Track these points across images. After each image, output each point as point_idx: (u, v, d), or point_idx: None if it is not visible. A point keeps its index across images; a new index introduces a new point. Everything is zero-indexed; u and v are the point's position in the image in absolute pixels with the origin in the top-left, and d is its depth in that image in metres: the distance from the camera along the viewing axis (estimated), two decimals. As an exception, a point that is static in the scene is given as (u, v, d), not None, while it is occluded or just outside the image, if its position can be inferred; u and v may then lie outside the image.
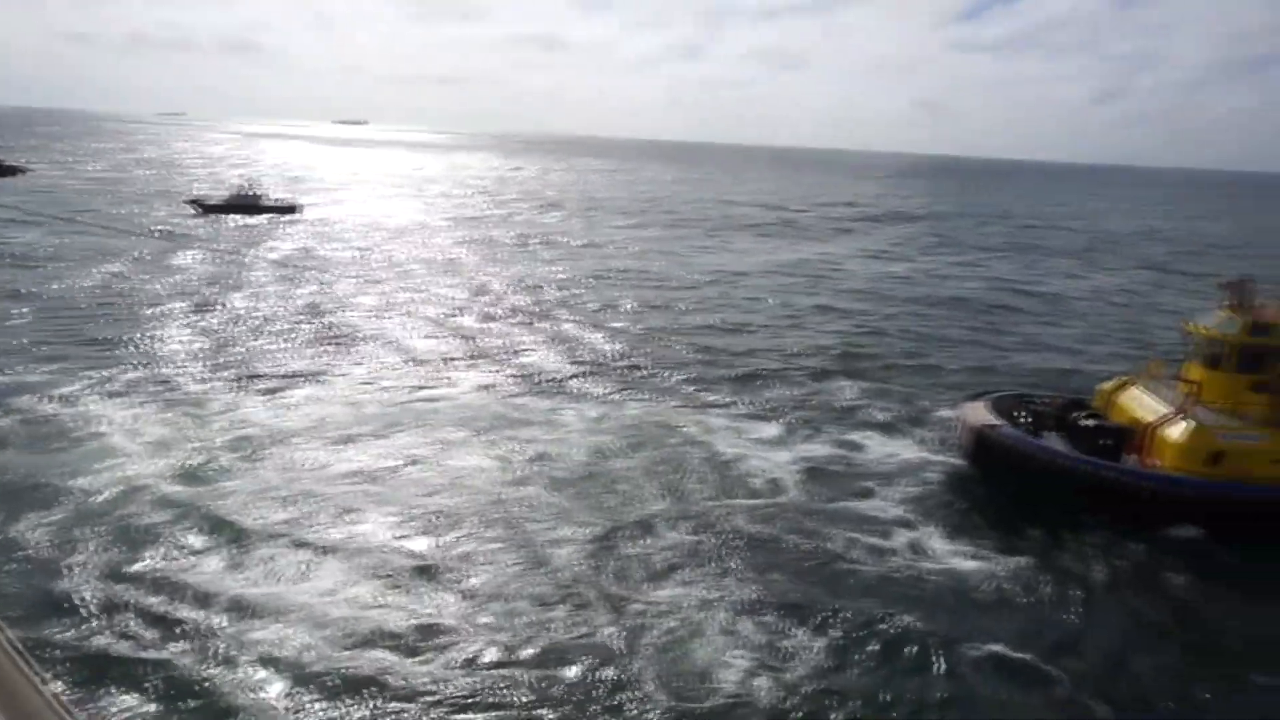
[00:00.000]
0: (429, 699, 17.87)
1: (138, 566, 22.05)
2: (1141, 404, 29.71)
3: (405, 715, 17.43)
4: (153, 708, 17.25)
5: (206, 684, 17.93)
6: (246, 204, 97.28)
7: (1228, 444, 26.94)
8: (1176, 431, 27.52)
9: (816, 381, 41.97)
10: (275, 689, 17.94)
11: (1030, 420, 30.14)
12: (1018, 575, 24.00)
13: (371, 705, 17.61)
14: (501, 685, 18.37)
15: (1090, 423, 29.16)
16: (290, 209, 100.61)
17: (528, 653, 19.47)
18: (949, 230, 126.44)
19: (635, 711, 17.81)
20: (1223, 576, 24.53)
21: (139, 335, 43.77)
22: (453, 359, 43.19)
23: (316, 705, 17.55)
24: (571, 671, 18.92)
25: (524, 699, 18.02)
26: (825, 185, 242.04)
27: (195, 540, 23.49)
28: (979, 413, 30.51)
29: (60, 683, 16.67)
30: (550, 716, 17.63)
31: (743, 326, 53.99)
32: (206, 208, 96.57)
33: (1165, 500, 26.56)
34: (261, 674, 18.35)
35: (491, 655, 19.32)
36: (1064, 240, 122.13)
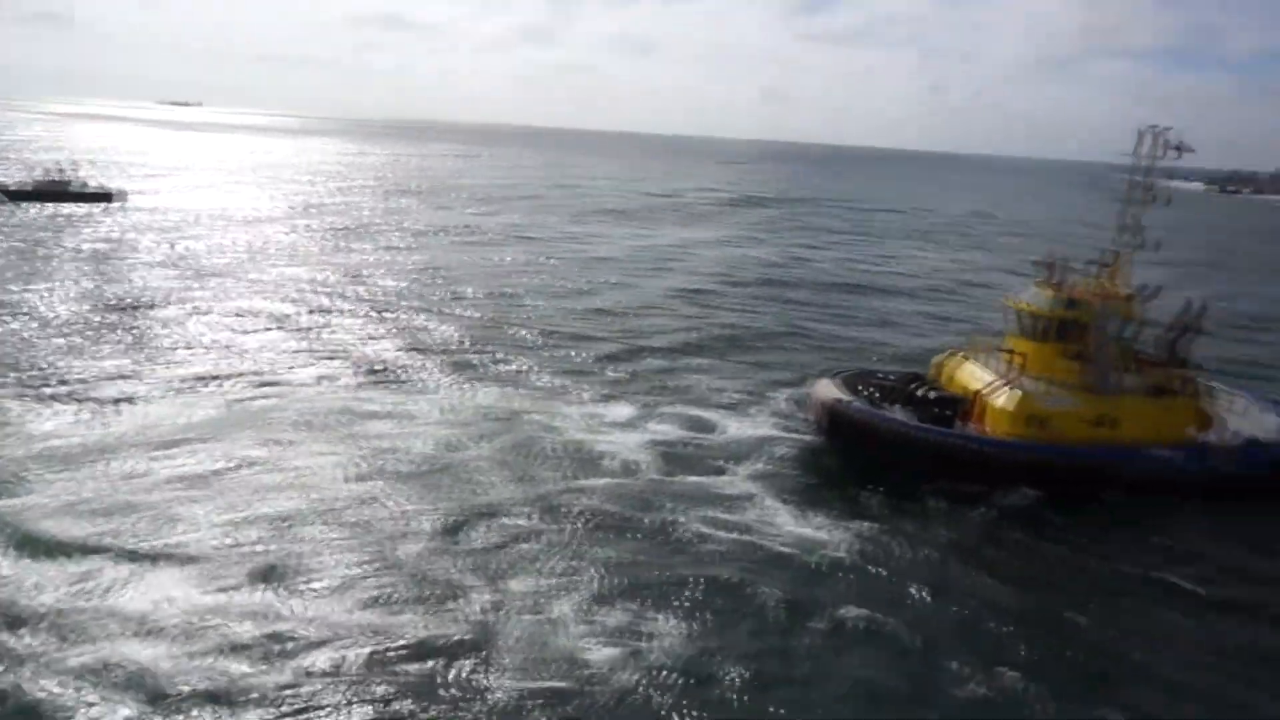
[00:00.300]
0: (281, 708, 16.83)
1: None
2: (972, 375, 31.68)
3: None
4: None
5: (29, 713, 16.26)
6: (55, 190, 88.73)
7: (1048, 409, 29.10)
8: (1003, 399, 29.53)
9: (672, 363, 42.45)
10: (109, 710, 16.42)
11: (875, 394, 31.59)
12: (869, 541, 25.01)
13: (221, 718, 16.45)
14: (357, 689, 17.50)
15: (929, 394, 30.79)
16: (107, 196, 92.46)
17: (382, 654, 18.63)
18: (799, 215, 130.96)
19: (498, 707, 17.34)
20: (1047, 533, 26.50)
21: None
22: (292, 353, 40.93)
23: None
24: (429, 670, 18.27)
25: (381, 701, 17.23)
26: (681, 171, 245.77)
27: (-4, 559, 21.10)
28: (828, 389, 31.67)
29: None
30: (410, 717, 16.92)
31: (600, 311, 53.85)
32: (8, 194, 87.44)
33: (995, 462, 28.45)
34: (92, 696, 16.77)
35: (344, 659, 18.37)
36: (903, 222, 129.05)
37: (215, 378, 36.23)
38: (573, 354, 42.88)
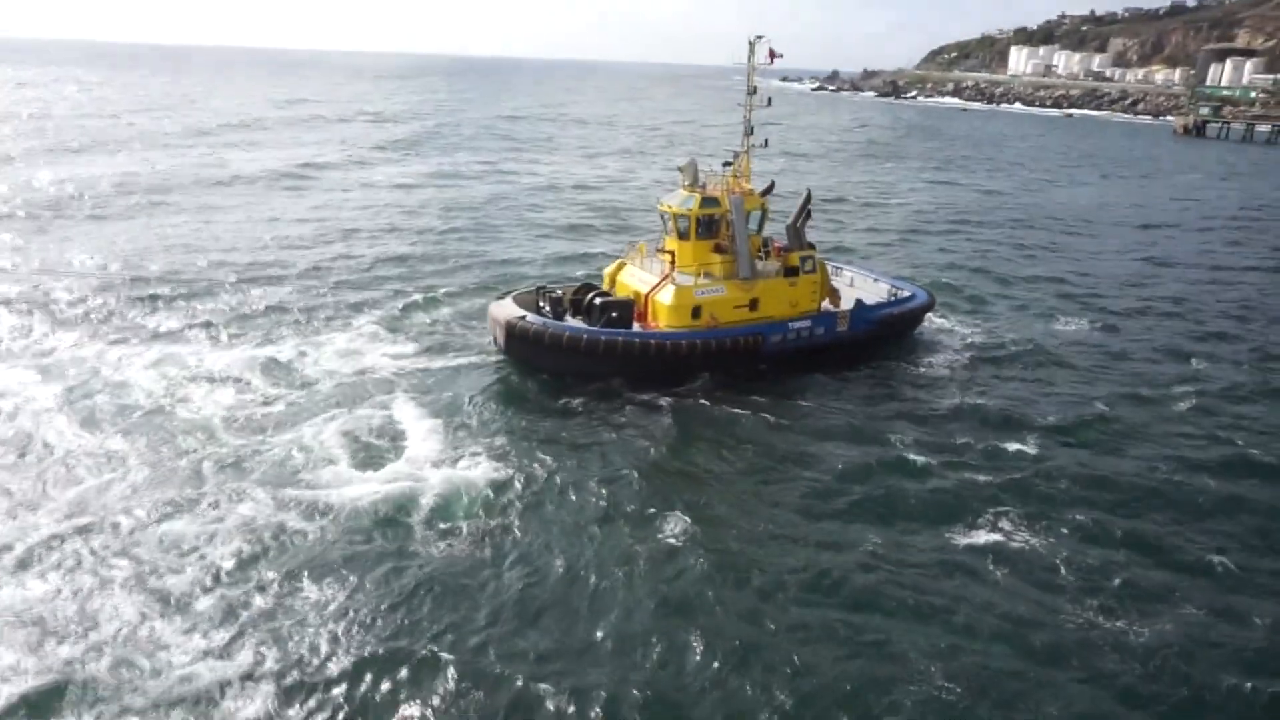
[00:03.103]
0: None
1: None
2: (637, 278, 34.28)
3: None
4: None
5: None
6: None
7: (703, 299, 32.49)
8: (664, 295, 32.43)
9: (302, 296, 39.84)
10: None
11: (551, 308, 33.05)
12: (545, 455, 25.74)
13: None
14: None
15: (603, 301, 32.87)
16: None
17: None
18: (464, 137, 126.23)
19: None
20: (714, 409, 29.85)
21: None
22: None
23: None
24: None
25: None
26: (348, 89, 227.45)
27: None
28: (506, 308, 32.64)
29: None
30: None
31: (221, 261, 48.59)
32: None
33: (665, 352, 31.33)
34: None
35: None
36: (586, 136, 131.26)
37: None
38: (160, 296, 38.08)
